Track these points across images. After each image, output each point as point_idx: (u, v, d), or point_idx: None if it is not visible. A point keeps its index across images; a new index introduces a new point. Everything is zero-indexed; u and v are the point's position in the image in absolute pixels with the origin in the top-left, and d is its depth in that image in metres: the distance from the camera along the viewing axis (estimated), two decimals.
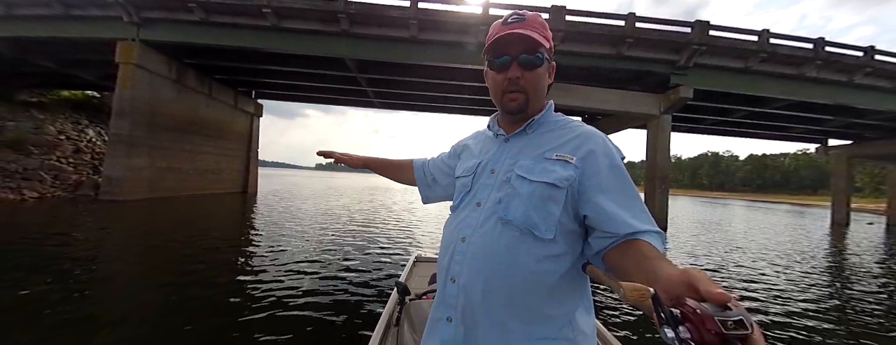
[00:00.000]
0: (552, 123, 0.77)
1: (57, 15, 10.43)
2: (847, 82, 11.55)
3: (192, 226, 7.44)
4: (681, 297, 0.40)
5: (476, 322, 0.67)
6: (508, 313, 0.66)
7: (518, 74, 0.72)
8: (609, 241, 0.62)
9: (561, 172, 0.67)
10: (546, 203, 0.66)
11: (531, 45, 0.71)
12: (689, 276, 0.41)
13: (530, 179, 0.68)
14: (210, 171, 15.17)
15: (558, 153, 0.69)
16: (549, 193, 0.66)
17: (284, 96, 19.54)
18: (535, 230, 0.65)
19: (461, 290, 0.69)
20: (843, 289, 4.93)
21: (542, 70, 0.74)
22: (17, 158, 10.74)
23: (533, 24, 0.72)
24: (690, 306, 0.37)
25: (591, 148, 0.69)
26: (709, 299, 0.37)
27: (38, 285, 3.35)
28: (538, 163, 0.70)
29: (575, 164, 0.67)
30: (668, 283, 0.44)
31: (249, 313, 3.00)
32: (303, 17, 10.15)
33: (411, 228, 8.44)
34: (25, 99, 14.80)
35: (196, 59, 12.43)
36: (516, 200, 0.68)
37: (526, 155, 0.73)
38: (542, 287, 0.66)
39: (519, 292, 0.65)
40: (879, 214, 27.66)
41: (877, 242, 11.01)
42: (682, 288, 0.41)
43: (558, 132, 0.74)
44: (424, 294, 1.71)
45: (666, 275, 0.45)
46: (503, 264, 0.66)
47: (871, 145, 17.99)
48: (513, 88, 0.73)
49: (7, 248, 4.73)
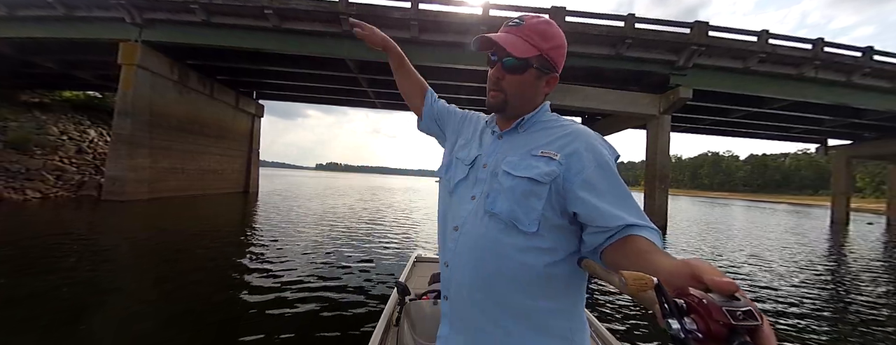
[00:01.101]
0: (544, 122, 0.79)
1: (59, 16, 10.51)
2: (846, 82, 11.59)
3: (194, 226, 7.50)
4: (684, 287, 0.37)
5: (465, 304, 0.73)
6: (494, 300, 0.69)
7: (499, 75, 0.75)
8: (602, 236, 0.63)
9: (543, 168, 0.68)
10: (528, 198, 0.68)
11: (515, 51, 0.72)
12: (693, 265, 0.39)
13: (513, 175, 0.70)
14: (212, 171, 15.24)
15: (544, 150, 0.71)
16: (531, 188, 0.68)
17: (285, 97, 19.62)
18: (518, 224, 0.68)
19: (452, 274, 0.75)
20: (835, 286, 4.98)
21: (526, 77, 0.74)
22: (20, 158, 10.80)
23: (526, 30, 0.73)
24: (696, 296, 0.35)
25: (578, 145, 0.70)
26: (715, 288, 0.35)
27: (45, 281, 3.41)
28: (524, 159, 0.72)
29: (559, 160, 0.68)
30: (669, 274, 0.42)
31: (250, 312, 3.03)
32: (304, 18, 10.21)
33: (411, 229, 8.49)
34: (27, 100, 14.88)
35: (198, 59, 12.50)
36: (501, 194, 0.70)
37: (514, 152, 0.75)
38: (531, 279, 0.68)
39: (505, 282, 0.69)
40: (880, 213, 27.67)
41: (872, 241, 11.04)
42: (686, 278, 0.39)
43: (549, 131, 0.76)
44: (424, 294, 1.71)
45: (666, 266, 0.44)
46: (489, 253, 0.70)
47: (870, 145, 18.03)
48: (493, 87, 0.77)
49: (15, 246, 4.79)
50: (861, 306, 4.14)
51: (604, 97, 11.78)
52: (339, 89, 15.57)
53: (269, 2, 9.72)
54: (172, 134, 12.55)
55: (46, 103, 14.98)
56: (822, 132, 18.38)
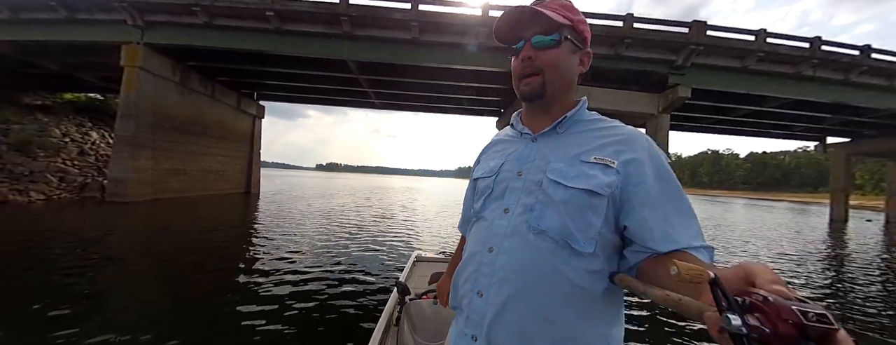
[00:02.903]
0: (587, 121, 0.68)
1: (62, 19, 10.56)
2: (844, 81, 11.66)
3: (196, 226, 7.56)
4: (743, 289, 0.34)
5: (502, 341, 0.61)
6: (540, 332, 0.58)
7: (530, 54, 0.65)
8: (647, 254, 0.57)
9: (602, 178, 0.59)
10: (585, 213, 0.58)
11: (548, 25, 0.63)
12: (748, 268, 0.36)
13: (566, 185, 0.60)
14: (214, 172, 15.32)
15: (597, 156, 0.61)
16: (589, 201, 0.58)
17: (287, 98, 19.68)
18: (573, 242, 0.58)
19: (489, 305, 0.62)
20: (832, 282, 5.05)
21: (561, 50, 0.64)
22: (23, 160, 10.86)
23: (550, 5, 0.65)
24: (760, 294, 0.31)
25: (636, 151, 0.61)
26: (775, 292, 0.31)
27: (50, 280, 3.49)
28: (574, 166, 0.62)
29: (616, 168, 0.59)
30: (724, 276, 0.36)
31: (250, 311, 3.03)
32: (305, 19, 10.27)
33: (412, 228, 8.55)
34: (29, 102, 14.93)
35: (199, 61, 12.56)
36: (550, 207, 0.60)
37: (559, 157, 0.64)
38: (578, 305, 0.59)
39: (552, 310, 0.58)
40: (879, 211, 27.75)
41: (868, 238, 11.11)
42: (742, 281, 0.35)
43: (596, 132, 0.65)
44: (424, 294, 1.70)
45: (720, 268, 0.40)
46: (537, 278, 0.59)
47: (869, 143, 18.09)
48: (528, 71, 0.66)
49: (21, 245, 4.86)
50: (858, 305, 4.21)
51: (603, 97, 11.84)
52: (340, 90, 15.62)
53: (271, 3, 9.78)
54: (174, 135, 12.62)
55: (48, 105, 15.02)
56: (820, 130, 18.44)
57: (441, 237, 7.55)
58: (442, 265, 2.70)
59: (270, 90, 17.77)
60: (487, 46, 10.29)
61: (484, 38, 10.28)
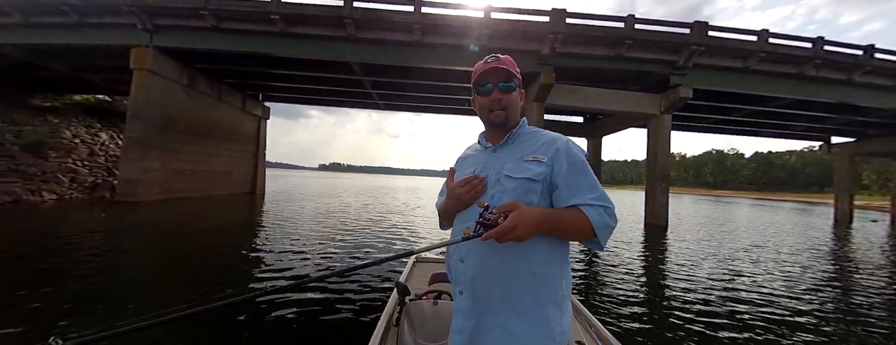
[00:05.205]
0: (527, 133, 1.00)
1: (72, 23, 10.79)
2: (847, 81, 11.65)
3: (202, 226, 7.73)
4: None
5: (482, 289, 0.88)
6: (508, 278, 0.87)
7: (499, 96, 0.96)
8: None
9: (536, 169, 0.89)
10: (527, 194, 0.88)
11: (506, 76, 0.95)
12: (510, 204, 0.80)
13: (514, 177, 0.91)
14: (220, 172, 15.54)
15: (534, 155, 0.92)
16: (529, 185, 0.89)
17: (291, 99, 19.89)
18: None
19: (468, 265, 0.91)
20: (830, 282, 5.11)
21: (516, 94, 0.98)
22: (36, 161, 11.11)
23: (505, 62, 0.95)
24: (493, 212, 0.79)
25: (557, 148, 0.91)
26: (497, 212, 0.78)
27: (62, 275, 3.64)
28: (520, 164, 0.92)
29: (546, 162, 0.90)
30: (500, 206, 0.81)
31: (250, 310, 3.04)
32: (310, 22, 10.44)
33: (412, 228, 8.65)
34: (39, 104, 15.20)
35: (206, 63, 12.77)
36: (505, 194, 0.90)
37: (510, 159, 0.95)
38: (534, 254, 0.87)
39: (516, 261, 0.87)
40: (884, 210, 27.52)
41: (870, 238, 11.08)
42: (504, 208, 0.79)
43: (532, 140, 0.97)
44: (424, 294, 1.71)
45: (511, 206, 0.80)
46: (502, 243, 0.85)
47: (873, 142, 18.01)
48: (496, 107, 0.96)
49: (38, 243, 5.04)
50: (857, 306, 4.27)
51: (605, 97, 11.92)
52: (344, 91, 15.78)
53: (277, 7, 9.95)
54: (182, 136, 12.84)
55: (57, 107, 15.28)
56: (824, 130, 18.38)
57: (442, 237, 7.64)
58: (442, 266, 2.66)
59: (275, 92, 17.97)
60: (488, 47, 10.39)
61: (485, 39, 10.38)
